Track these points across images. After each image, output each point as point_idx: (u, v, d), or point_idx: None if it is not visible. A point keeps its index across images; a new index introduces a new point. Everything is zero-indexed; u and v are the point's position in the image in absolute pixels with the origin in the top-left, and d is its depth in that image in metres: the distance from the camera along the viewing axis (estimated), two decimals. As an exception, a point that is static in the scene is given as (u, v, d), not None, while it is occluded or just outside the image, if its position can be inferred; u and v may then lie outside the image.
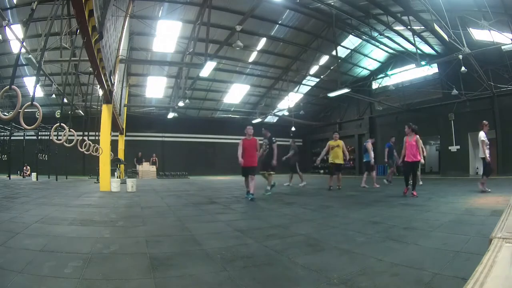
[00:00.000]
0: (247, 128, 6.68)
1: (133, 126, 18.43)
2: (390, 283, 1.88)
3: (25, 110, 3.20)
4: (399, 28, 13.29)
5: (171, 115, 19.00)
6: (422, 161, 6.64)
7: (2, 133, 15.45)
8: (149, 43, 14.74)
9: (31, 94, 3.65)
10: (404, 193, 6.58)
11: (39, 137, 14.75)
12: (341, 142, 8.52)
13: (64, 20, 8.90)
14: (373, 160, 9.38)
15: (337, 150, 8.43)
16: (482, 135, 6.73)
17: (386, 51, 17.47)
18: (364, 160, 9.85)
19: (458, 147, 15.64)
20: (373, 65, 19.55)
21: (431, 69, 16.52)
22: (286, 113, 20.95)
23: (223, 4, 12.52)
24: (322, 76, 19.70)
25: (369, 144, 9.54)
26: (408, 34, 13.43)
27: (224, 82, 19.00)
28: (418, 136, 6.48)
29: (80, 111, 13.99)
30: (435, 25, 10.13)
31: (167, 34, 14.11)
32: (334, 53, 15.18)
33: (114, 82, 9.02)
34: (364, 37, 15.70)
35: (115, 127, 12.30)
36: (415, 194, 6.23)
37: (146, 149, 19.32)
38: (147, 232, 3.29)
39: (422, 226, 3.44)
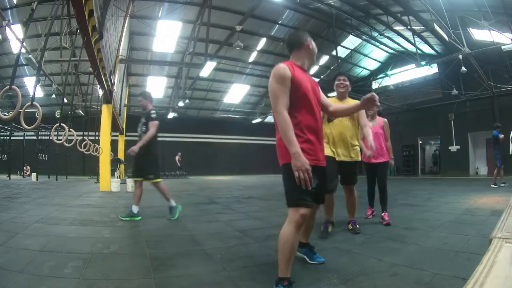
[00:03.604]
0: (307, 41, 1.99)
1: (133, 126, 18.31)
2: (390, 283, 1.87)
3: (25, 110, 3.20)
4: (399, 28, 13.30)
5: (171, 115, 19.00)
6: (392, 161, 4.03)
7: (2, 133, 15.46)
8: (149, 43, 14.75)
9: (31, 94, 3.65)
10: (366, 214, 4.05)
11: (39, 137, 14.76)
12: (354, 103, 2.58)
13: (64, 20, 8.90)
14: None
15: (342, 125, 3.25)
16: None
17: (386, 51, 17.48)
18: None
19: (458, 147, 15.67)
20: (373, 65, 19.56)
21: (431, 69, 16.54)
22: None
23: (223, 4, 12.52)
24: (322, 76, 19.69)
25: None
26: (408, 34, 13.44)
27: (224, 82, 19.01)
28: (386, 120, 4.06)
29: (80, 111, 13.99)
30: (435, 25, 10.13)
31: (167, 34, 14.11)
32: (334, 53, 15.18)
33: (114, 82, 9.02)
34: (364, 37, 15.71)
35: (115, 127, 12.30)
36: (387, 218, 3.64)
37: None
38: (147, 232, 3.29)
39: (422, 226, 3.43)
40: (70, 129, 5.11)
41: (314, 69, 18.92)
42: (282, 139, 1.73)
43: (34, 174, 12.89)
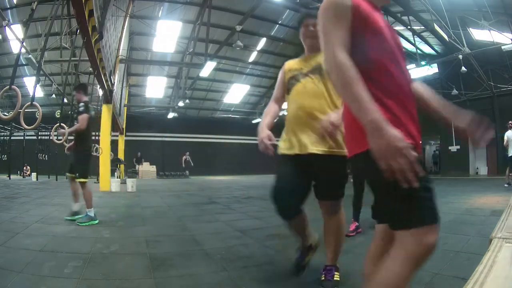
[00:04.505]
0: None
1: (133, 126, 18.45)
2: (390, 283, 1.87)
3: (25, 110, 3.20)
4: (399, 28, 13.27)
5: (171, 115, 19.02)
6: None
7: (2, 133, 15.46)
8: (149, 43, 14.76)
9: (31, 94, 3.65)
10: (348, 230, 2.95)
11: (39, 137, 14.75)
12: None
13: (64, 20, 8.90)
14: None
15: (305, 91, 1.78)
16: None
17: (386, 51, 17.48)
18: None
19: (458, 147, 15.66)
20: (373, 65, 19.57)
21: (431, 69, 16.51)
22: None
23: (223, 4, 12.52)
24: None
25: None
26: (408, 34, 13.43)
27: (224, 82, 19.02)
28: None
29: (80, 111, 13.97)
30: (435, 25, 10.14)
31: (167, 34, 14.13)
32: (334, 53, 15.19)
33: (114, 82, 9.03)
34: (364, 37, 15.71)
35: (115, 127, 12.30)
36: (352, 229, 3.04)
37: (146, 149, 19.33)
38: (147, 232, 3.29)
39: (422, 226, 3.43)
40: (70, 129, 5.10)
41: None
42: (344, 100, 0.92)
43: (34, 174, 12.89)
